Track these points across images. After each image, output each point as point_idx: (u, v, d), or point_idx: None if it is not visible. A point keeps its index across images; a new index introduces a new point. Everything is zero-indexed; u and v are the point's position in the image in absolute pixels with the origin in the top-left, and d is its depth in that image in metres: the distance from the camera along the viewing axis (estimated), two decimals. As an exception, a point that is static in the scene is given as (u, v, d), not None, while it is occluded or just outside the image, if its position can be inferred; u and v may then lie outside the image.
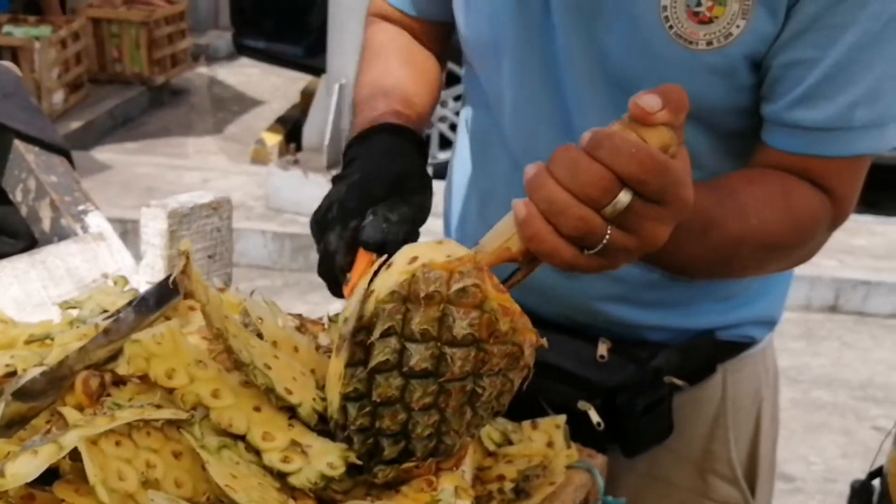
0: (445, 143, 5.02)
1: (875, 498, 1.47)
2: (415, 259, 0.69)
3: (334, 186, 0.91)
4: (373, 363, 0.70)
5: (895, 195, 5.02)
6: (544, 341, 0.73)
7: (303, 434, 0.73)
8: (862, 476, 1.51)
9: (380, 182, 0.88)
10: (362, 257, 0.84)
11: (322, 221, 0.88)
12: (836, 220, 0.95)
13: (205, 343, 0.77)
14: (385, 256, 0.73)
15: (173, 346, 0.72)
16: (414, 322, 0.68)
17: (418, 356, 0.69)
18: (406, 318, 0.69)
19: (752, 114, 0.93)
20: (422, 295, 0.68)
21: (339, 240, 0.85)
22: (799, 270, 1.04)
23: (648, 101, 0.68)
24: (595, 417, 0.92)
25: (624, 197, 0.67)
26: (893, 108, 0.89)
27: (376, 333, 0.69)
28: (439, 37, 1.17)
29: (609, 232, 0.68)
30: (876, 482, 1.49)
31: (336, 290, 0.88)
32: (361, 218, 0.85)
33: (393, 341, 0.69)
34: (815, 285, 4.05)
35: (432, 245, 0.71)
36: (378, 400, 0.71)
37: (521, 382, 0.74)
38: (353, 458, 0.72)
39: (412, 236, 0.88)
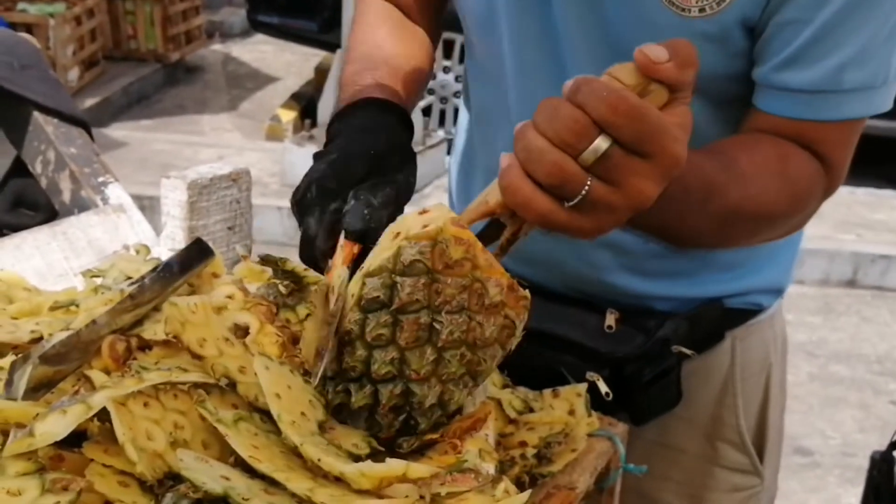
0: (460, 119, 4.99)
1: (896, 468, 1.47)
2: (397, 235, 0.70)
3: (314, 164, 0.87)
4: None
5: (915, 170, 4.98)
6: (525, 293, 0.70)
7: (327, 422, 0.73)
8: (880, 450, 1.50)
9: (359, 161, 0.84)
10: (345, 244, 0.80)
11: (301, 203, 0.84)
12: (829, 189, 0.93)
13: (240, 294, 0.77)
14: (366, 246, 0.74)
15: (206, 319, 0.73)
16: (371, 263, 0.70)
17: (371, 286, 0.69)
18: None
19: (749, 80, 0.92)
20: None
21: (318, 224, 0.82)
22: (817, 245, 1.04)
23: (655, 51, 0.66)
24: (604, 388, 0.92)
25: (601, 143, 0.64)
26: (883, 70, 0.88)
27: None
28: (432, 13, 1.15)
29: (589, 182, 0.65)
30: (897, 453, 1.48)
31: (318, 272, 0.85)
32: (342, 200, 0.82)
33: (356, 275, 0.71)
34: (833, 260, 4.03)
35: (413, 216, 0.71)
36: (342, 336, 0.71)
37: (503, 338, 0.70)
38: (374, 443, 0.72)
39: (395, 216, 0.83)
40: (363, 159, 0.85)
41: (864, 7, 0.84)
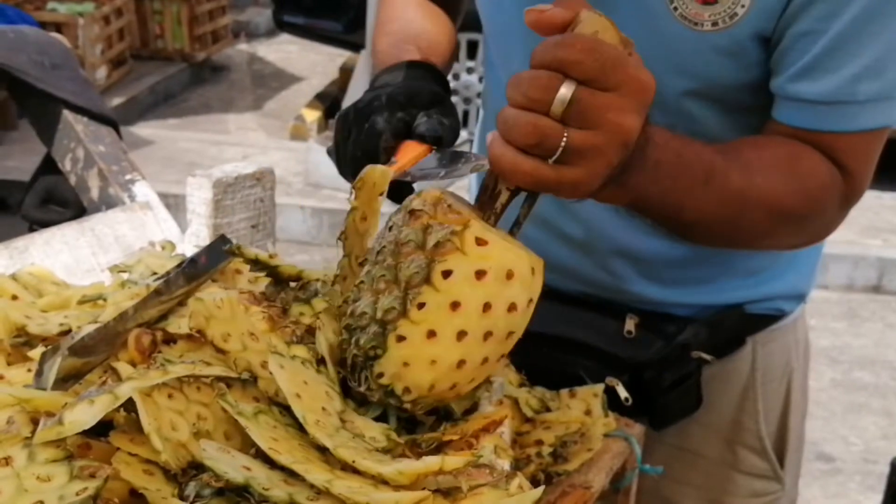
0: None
1: (916, 475, 1.46)
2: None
3: (373, 89, 0.91)
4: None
5: (943, 175, 4.91)
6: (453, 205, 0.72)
7: (345, 412, 0.74)
8: (902, 455, 1.50)
9: (425, 93, 0.89)
10: (410, 146, 0.85)
11: (365, 109, 0.87)
12: (849, 198, 0.93)
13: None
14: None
15: (231, 314, 0.74)
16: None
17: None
18: None
19: (764, 89, 0.92)
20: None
21: (387, 124, 0.85)
22: (842, 249, 1.02)
23: (539, 5, 0.69)
24: (623, 393, 0.92)
25: (566, 88, 0.66)
26: None
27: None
28: (453, 3, 1.17)
29: (566, 133, 0.67)
30: (917, 459, 1.48)
31: (353, 169, 0.87)
32: (408, 115, 0.86)
33: None
34: (858, 265, 3.99)
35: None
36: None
37: (430, 247, 0.71)
38: (394, 435, 0.73)
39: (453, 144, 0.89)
40: (427, 93, 0.89)
41: (879, 17, 0.84)
